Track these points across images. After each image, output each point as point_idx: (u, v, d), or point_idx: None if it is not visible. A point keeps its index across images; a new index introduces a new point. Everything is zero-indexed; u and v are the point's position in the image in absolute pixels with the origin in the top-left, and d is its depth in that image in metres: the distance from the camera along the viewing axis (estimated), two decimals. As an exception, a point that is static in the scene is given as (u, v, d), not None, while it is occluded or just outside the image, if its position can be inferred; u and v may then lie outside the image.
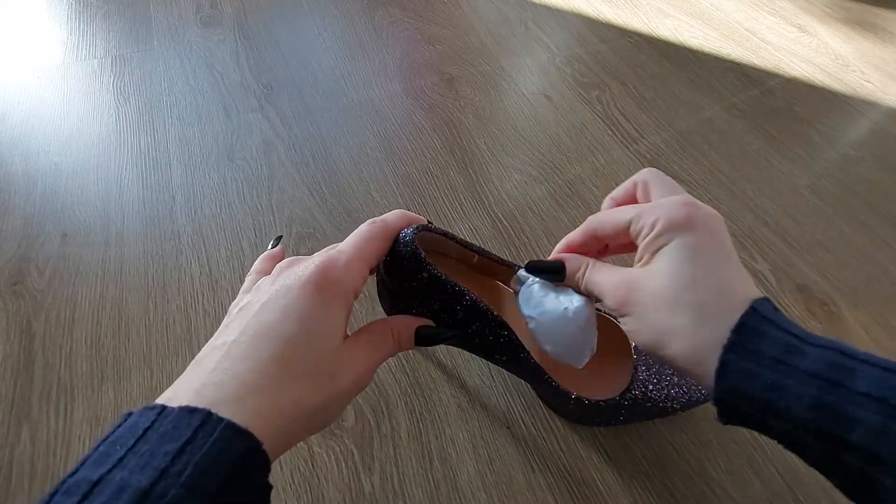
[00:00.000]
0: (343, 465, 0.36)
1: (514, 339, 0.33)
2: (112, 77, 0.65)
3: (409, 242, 0.31)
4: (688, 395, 0.36)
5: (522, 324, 0.39)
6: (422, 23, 0.78)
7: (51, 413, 0.38)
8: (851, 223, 0.56)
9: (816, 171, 0.61)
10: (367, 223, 0.27)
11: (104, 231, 0.49)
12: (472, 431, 0.39)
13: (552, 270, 0.30)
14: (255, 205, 0.52)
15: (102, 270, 0.46)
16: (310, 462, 0.36)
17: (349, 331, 0.25)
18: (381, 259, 0.28)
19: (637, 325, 0.25)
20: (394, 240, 0.28)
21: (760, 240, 0.54)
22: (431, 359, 0.42)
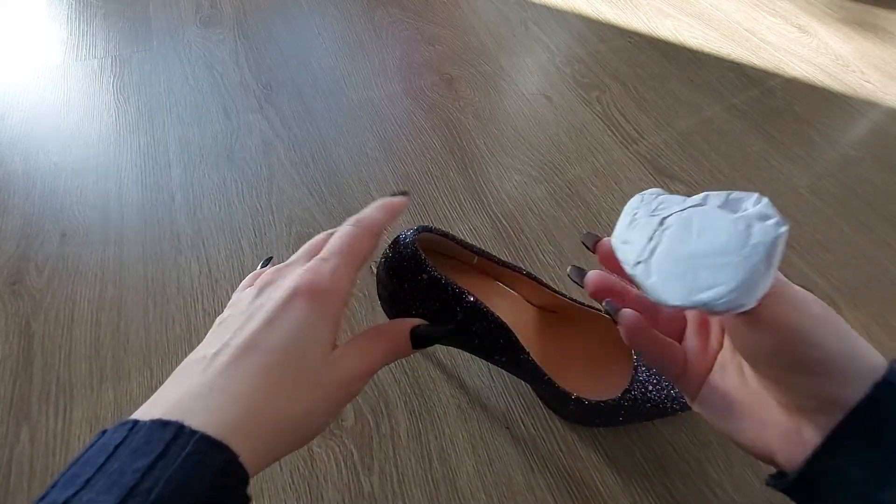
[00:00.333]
0: (342, 466, 0.36)
1: (514, 340, 0.33)
2: (112, 77, 0.65)
3: (410, 244, 0.31)
4: (687, 396, 0.36)
5: (522, 324, 0.39)
6: (422, 23, 0.78)
7: (50, 413, 0.38)
8: (851, 223, 0.56)
9: (816, 171, 0.61)
10: (350, 224, 0.26)
11: (103, 231, 0.49)
12: (472, 432, 0.39)
13: None
14: (255, 205, 0.52)
15: (102, 270, 0.46)
16: (309, 462, 0.36)
17: (350, 333, 0.25)
18: (369, 257, 0.27)
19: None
20: (377, 235, 0.27)
21: (760, 240, 0.53)
22: (431, 359, 0.42)
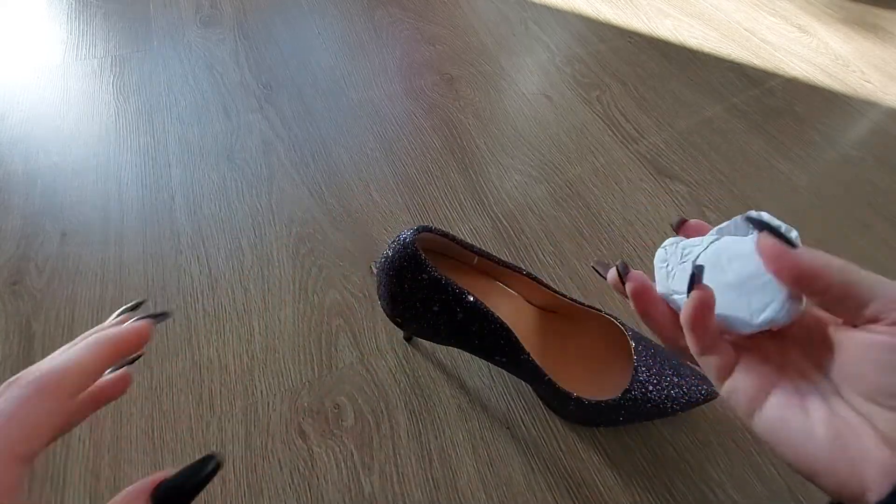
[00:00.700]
0: (342, 466, 0.36)
1: (514, 340, 0.33)
2: (112, 77, 0.65)
3: (410, 244, 0.31)
4: (687, 396, 0.36)
5: (522, 324, 0.39)
6: (422, 23, 0.78)
7: (50, 413, 0.38)
8: (851, 223, 0.56)
9: (816, 171, 0.61)
10: (31, 383, 0.17)
11: (104, 230, 0.49)
12: (472, 432, 0.39)
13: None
14: (255, 205, 0.52)
15: (102, 270, 0.46)
16: (309, 462, 0.36)
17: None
18: (59, 432, 0.19)
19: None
20: (66, 394, 0.18)
21: (760, 240, 0.53)
22: (431, 359, 0.42)
